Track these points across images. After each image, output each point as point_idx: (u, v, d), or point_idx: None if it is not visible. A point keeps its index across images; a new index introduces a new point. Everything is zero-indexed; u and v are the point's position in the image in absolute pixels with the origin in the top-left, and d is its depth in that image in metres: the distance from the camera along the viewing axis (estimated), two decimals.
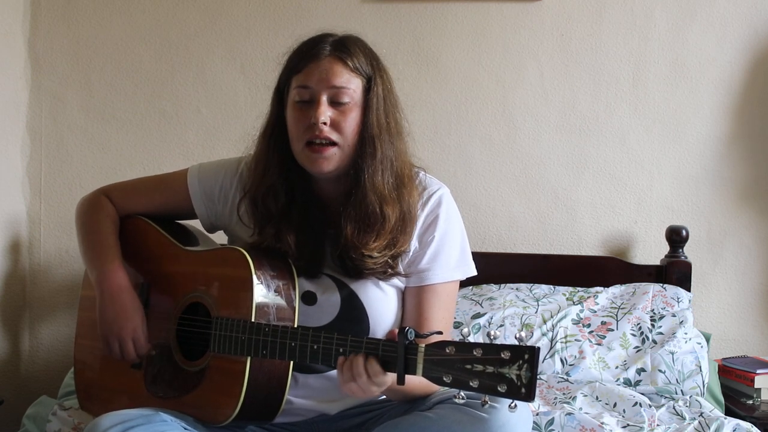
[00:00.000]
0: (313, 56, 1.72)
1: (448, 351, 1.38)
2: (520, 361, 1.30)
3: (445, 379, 1.38)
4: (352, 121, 1.71)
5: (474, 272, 1.85)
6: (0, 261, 2.77)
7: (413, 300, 1.80)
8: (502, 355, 1.32)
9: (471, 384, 1.35)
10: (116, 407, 1.69)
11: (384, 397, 1.76)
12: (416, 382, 1.63)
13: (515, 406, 1.35)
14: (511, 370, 1.31)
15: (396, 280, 1.80)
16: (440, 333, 1.46)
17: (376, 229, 1.73)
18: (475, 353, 1.35)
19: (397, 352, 1.44)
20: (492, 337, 1.34)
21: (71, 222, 2.07)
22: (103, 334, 1.82)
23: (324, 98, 1.70)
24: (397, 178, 1.76)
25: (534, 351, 1.30)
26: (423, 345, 1.43)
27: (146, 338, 1.82)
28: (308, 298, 1.77)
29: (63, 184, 2.90)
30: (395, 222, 1.74)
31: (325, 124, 1.69)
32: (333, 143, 1.71)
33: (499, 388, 1.32)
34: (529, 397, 1.30)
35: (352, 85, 1.71)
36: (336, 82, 1.70)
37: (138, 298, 1.85)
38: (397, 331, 1.50)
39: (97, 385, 1.96)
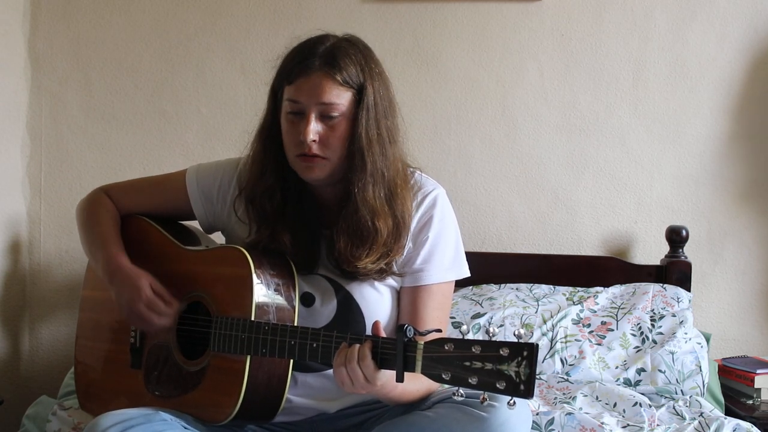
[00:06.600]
0: (303, 70, 1.70)
1: (446, 348, 1.38)
2: (519, 358, 1.30)
3: (444, 376, 1.38)
4: (340, 135, 1.70)
5: (467, 274, 1.85)
6: (0, 261, 2.77)
7: (408, 300, 1.80)
8: (501, 352, 1.32)
9: (470, 381, 1.34)
10: (116, 407, 1.69)
11: None
12: (412, 385, 1.64)
13: (514, 403, 1.35)
14: (510, 367, 1.30)
15: (391, 280, 1.80)
16: (439, 331, 1.46)
17: (369, 243, 1.73)
18: (473, 350, 1.35)
19: (396, 349, 1.44)
20: (491, 335, 1.34)
21: (71, 222, 2.06)
22: (128, 317, 1.79)
23: (313, 115, 1.69)
24: (389, 189, 1.75)
25: (533, 348, 1.30)
26: (422, 342, 1.43)
27: (166, 289, 1.78)
28: (306, 300, 1.78)
29: (63, 184, 2.90)
30: (388, 235, 1.73)
31: (314, 141, 1.69)
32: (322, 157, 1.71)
33: (497, 385, 1.31)
34: (528, 393, 1.30)
35: (341, 99, 1.69)
36: (325, 99, 1.68)
37: (140, 268, 1.82)
38: (381, 324, 1.52)
39: (97, 385, 1.96)
